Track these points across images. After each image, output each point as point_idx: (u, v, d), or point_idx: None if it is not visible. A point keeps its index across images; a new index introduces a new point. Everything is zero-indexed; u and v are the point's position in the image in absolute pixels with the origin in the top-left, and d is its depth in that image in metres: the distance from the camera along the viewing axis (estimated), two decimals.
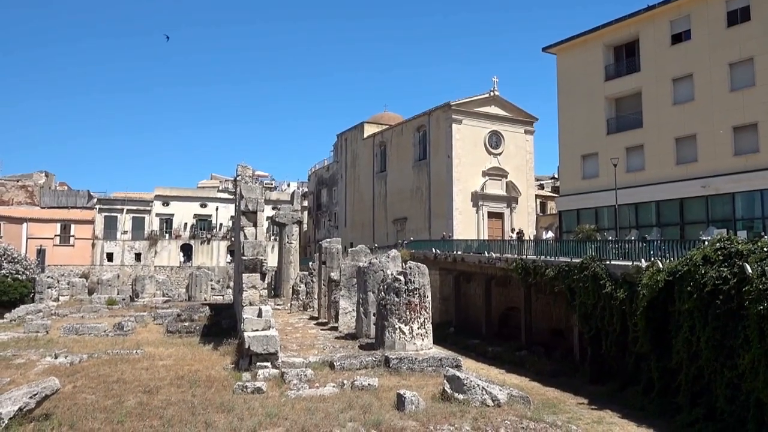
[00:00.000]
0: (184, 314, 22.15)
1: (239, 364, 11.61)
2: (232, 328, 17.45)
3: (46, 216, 59.85)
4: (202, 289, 35.48)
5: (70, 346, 15.58)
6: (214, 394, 9.34)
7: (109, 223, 61.55)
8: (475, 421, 7.62)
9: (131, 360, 13.11)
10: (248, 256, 15.51)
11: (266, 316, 12.50)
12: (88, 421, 7.79)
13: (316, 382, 10.17)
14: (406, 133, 55.19)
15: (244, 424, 7.55)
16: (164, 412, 8.24)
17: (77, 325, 19.45)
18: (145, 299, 33.46)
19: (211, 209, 66.13)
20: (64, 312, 26.41)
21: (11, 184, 65.09)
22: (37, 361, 13.38)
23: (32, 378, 10.89)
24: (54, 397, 8.44)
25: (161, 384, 10.25)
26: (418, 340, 11.85)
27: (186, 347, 15.05)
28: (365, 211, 60.56)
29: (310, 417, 7.81)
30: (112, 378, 10.90)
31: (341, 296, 16.51)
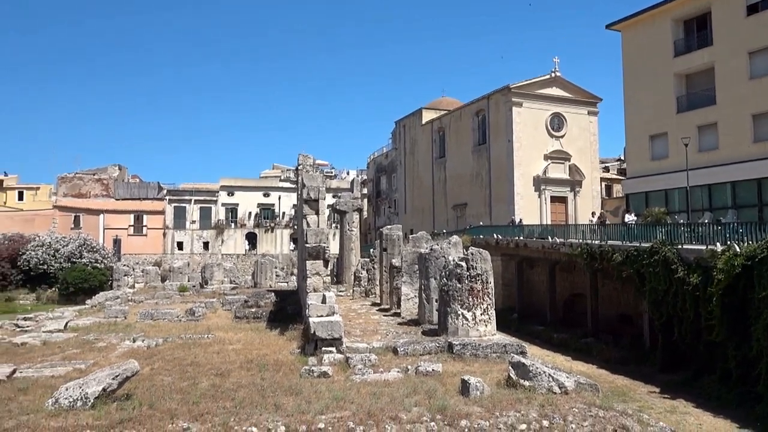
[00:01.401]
0: (251, 300, 22.81)
1: (305, 348, 11.88)
2: (297, 314, 17.85)
3: (121, 207, 62.87)
4: (267, 276, 36.39)
5: (146, 331, 16.35)
6: (282, 378, 9.60)
7: (178, 213, 64.03)
8: (542, 408, 7.52)
9: (203, 344, 13.63)
10: (311, 244, 15.77)
11: (330, 302, 12.73)
12: (165, 401, 8.16)
13: (380, 367, 10.28)
14: (464, 117, 54.55)
15: (312, 406, 7.74)
16: (236, 394, 8.54)
17: (152, 311, 20.36)
18: (213, 286, 34.63)
19: (274, 198, 67.61)
20: (139, 298, 27.70)
21: (88, 178, 68.60)
22: (117, 344, 14.12)
23: (113, 360, 11.52)
24: (134, 378, 8.90)
25: (232, 367, 10.62)
26: (481, 326, 11.77)
27: (254, 332, 15.51)
28: (425, 198, 60.41)
29: (375, 401, 7.92)
30: (186, 361, 11.38)
31: (403, 282, 16.59)
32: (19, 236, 45.33)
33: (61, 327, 17.68)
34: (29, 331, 17.42)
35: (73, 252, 41.60)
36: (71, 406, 7.90)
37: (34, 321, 20.04)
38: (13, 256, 40.85)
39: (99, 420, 7.35)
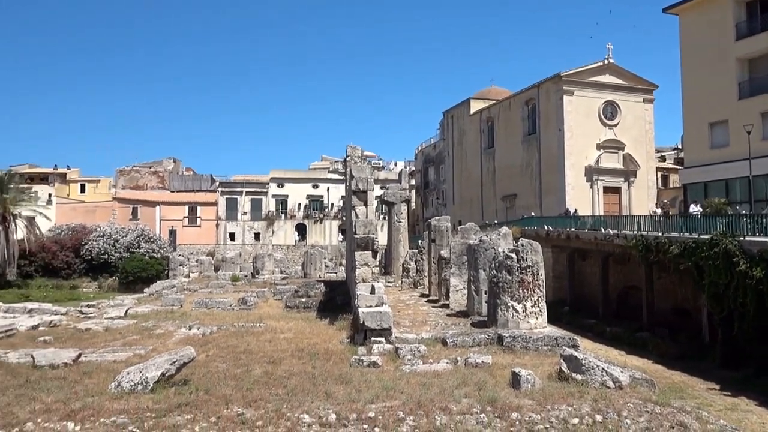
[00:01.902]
0: (301, 290, 23.19)
1: (354, 338, 12.00)
2: (346, 304, 18.04)
3: (176, 199, 64.81)
4: (317, 267, 36.91)
5: (201, 319, 16.85)
6: (332, 367, 9.73)
7: (230, 204, 65.52)
8: (595, 403, 7.38)
9: (255, 332, 13.96)
10: (360, 235, 15.89)
11: (379, 292, 12.81)
12: (220, 387, 8.41)
13: (430, 357, 10.29)
14: (514, 107, 53.66)
15: (362, 395, 7.82)
16: (288, 381, 8.72)
17: (206, 300, 20.97)
18: (264, 276, 35.36)
19: (323, 190, 68.31)
20: (194, 287, 28.55)
21: (145, 171, 70.94)
22: (173, 331, 14.62)
23: (171, 347, 11.93)
24: (190, 364, 9.21)
25: (283, 355, 10.83)
26: (532, 319, 11.61)
27: (304, 322, 15.77)
28: (473, 189, 59.87)
29: (425, 392, 7.93)
30: (239, 349, 11.68)
31: (452, 274, 16.52)
32: (82, 227, 47.34)
33: (121, 314, 18.43)
34: (92, 318, 18.24)
35: (131, 242, 43.17)
36: (132, 389, 8.23)
37: (97, 308, 20.94)
38: (77, 246, 42.71)
39: (158, 403, 7.63)
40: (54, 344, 12.91)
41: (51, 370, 10.04)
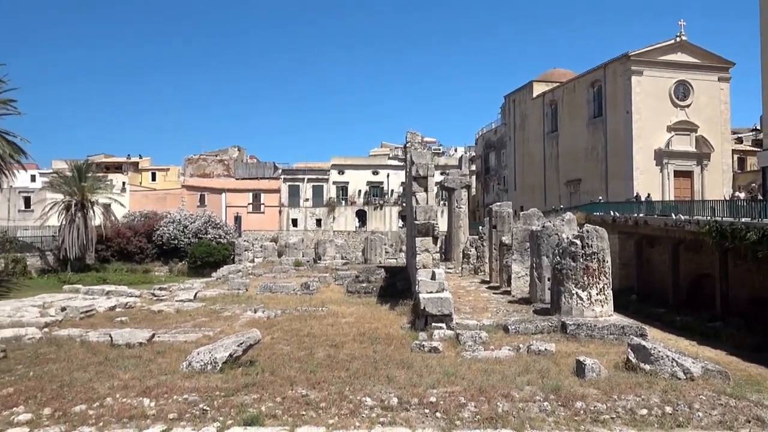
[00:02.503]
0: (362, 276, 23.43)
1: (415, 324, 12.04)
2: (406, 290, 18.10)
3: (240, 186, 66.62)
4: (377, 253, 37.18)
5: (265, 303, 17.31)
6: (393, 351, 9.81)
7: (292, 191, 66.80)
8: (665, 394, 7.13)
9: (318, 317, 14.22)
10: (420, 221, 15.87)
11: (439, 278, 12.78)
12: (285, 369, 8.63)
13: (491, 344, 10.22)
14: (578, 89, 52.00)
15: (423, 380, 7.85)
16: (350, 365, 8.86)
17: (270, 284, 21.52)
18: (326, 261, 35.93)
19: (383, 176, 68.54)
20: (258, 272, 29.35)
21: (211, 159, 73.15)
22: (240, 314, 15.09)
23: (237, 329, 12.33)
24: (256, 346, 9.49)
25: (345, 339, 11.00)
26: (597, 307, 11.32)
27: (365, 306, 15.93)
28: (535, 174, 58.62)
29: (486, 378, 7.89)
30: (302, 332, 11.94)
31: (513, 260, 16.30)
32: (153, 213, 49.40)
33: (191, 297, 19.17)
34: (164, 300, 19.06)
35: (199, 228, 44.69)
36: (202, 369, 8.58)
37: (168, 291, 21.86)
38: (149, 232, 44.60)
39: (227, 383, 7.93)
40: (129, 324, 13.58)
41: (127, 348, 10.59)
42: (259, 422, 6.59)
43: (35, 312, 15.27)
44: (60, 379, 8.43)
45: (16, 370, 9.15)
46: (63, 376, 8.56)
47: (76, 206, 39.59)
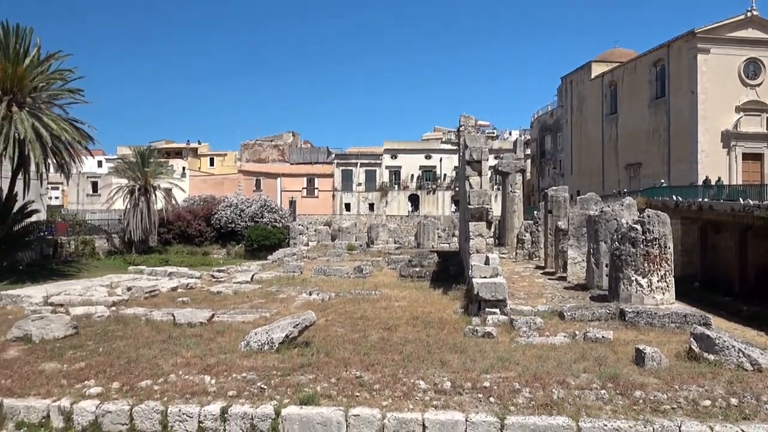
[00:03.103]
0: (415, 260, 23.44)
1: (468, 309, 11.99)
2: (459, 275, 18.02)
3: (295, 171, 67.63)
4: (429, 237, 37.08)
5: (320, 285, 17.58)
6: (446, 336, 9.81)
7: (345, 176, 67.30)
8: (730, 385, 6.87)
9: (371, 300, 14.35)
10: (474, 205, 15.71)
11: (493, 263, 12.66)
12: (339, 350, 8.78)
13: (546, 330, 10.08)
14: (640, 69, 50.01)
15: (477, 365, 7.83)
16: (403, 348, 8.91)
17: (324, 267, 21.83)
18: (378, 245, 36.12)
19: (435, 160, 68.14)
20: (313, 255, 29.80)
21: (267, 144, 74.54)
22: (295, 296, 15.39)
23: (293, 311, 12.59)
24: (311, 328, 9.68)
25: (398, 323, 11.07)
26: (658, 294, 10.97)
27: (418, 291, 15.96)
28: (593, 158, 56.97)
29: (541, 364, 7.80)
30: (356, 315, 12.07)
31: (569, 246, 15.96)
32: (212, 198, 50.83)
33: (248, 279, 19.68)
34: (222, 282, 19.64)
35: (255, 212, 45.70)
36: (260, 348, 8.83)
37: (226, 273, 22.50)
38: (208, 216, 45.94)
39: (283, 363, 8.13)
40: (191, 305, 14.07)
41: (189, 328, 10.99)
42: (314, 402, 6.74)
43: (103, 291, 16.03)
44: (127, 355, 8.85)
45: (87, 345, 9.66)
46: (130, 353, 8.98)
47: (139, 191, 41.17)
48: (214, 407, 6.75)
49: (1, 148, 25.50)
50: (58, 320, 10.71)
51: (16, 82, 27.12)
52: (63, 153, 28.95)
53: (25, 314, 12.50)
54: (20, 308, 13.94)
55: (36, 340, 10.01)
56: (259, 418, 6.58)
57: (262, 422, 6.56)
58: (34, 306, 14.06)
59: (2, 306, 14.46)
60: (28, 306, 14.10)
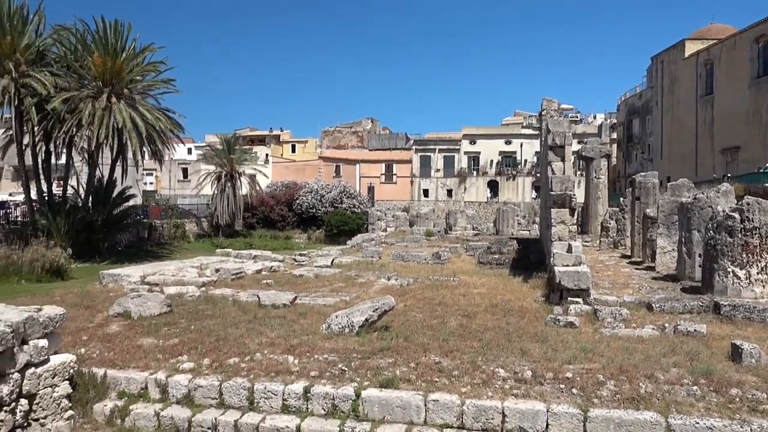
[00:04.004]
0: (494, 247, 23.14)
1: (549, 297, 11.73)
2: (540, 262, 17.63)
3: (373, 157, 68.24)
4: (509, 224, 36.46)
5: (398, 271, 17.71)
6: (527, 324, 9.65)
7: (424, 162, 67.22)
8: None
9: (449, 286, 14.31)
10: (556, 191, 15.30)
11: (576, 251, 12.30)
12: (418, 336, 8.83)
13: (633, 322, 9.70)
14: (740, 46, 46.62)
15: (559, 355, 7.66)
16: (482, 335, 8.85)
17: (402, 253, 21.96)
18: (457, 232, 35.89)
19: (516, 146, 66.75)
20: (391, 241, 30.04)
21: (346, 131, 75.56)
22: (374, 281, 15.59)
23: (372, 295, 12.77)
24: (390, 312, 9.78)
25: (477, 310, 10.98)
26: (757, 287, 10.29)
27: (497, 278, 15.76)
28: (685, 142, 53.85)
29: (627, 357, 7.52)
30: (434, 301, 12.09)
31: (659, 234, 15.23)
32: (293, 184, 52.23)
33: (328, 263, 20.14)
34: (304, 265, 20.19)
35: (335, 198, 46.55)
36: (340, 331, 9.03)
37: (308, 257, 23.11)
38: (289, 201, 47.26)
39: (363, 346, 8.28)
40: (274, 287, 14.57)
41: (273, 309, 11.39)
42: (393, 385, 6.83)
43: (194, 272, 16.89)
44: (216, 333, 9.30)
45: (180, 323, 10.23)
46: (219, 331, 9.43)
47: (225, 176, 42.91)
48: (297, 386, 6.99)
49: (102, 136, 27.27)
50: (154, 298, 11.40)
51: (114, 75, 28.86)
52: (157, 141, 30.62)
53: (124, 292, 13.41)
54: (120, 286, 14.95)
55: (134, 317, 10.71)
56: (340, 399, 6.75)
57: (343, 403, 6.73)
58: (132, 285, 15.04)
59: (105, 284, 15.56)
60: (126, 284, 15.10)
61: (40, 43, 28.98)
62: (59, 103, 26.88)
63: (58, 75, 28.33)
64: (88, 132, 28.05)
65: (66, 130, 27.98)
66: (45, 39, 29.27)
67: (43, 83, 26.65)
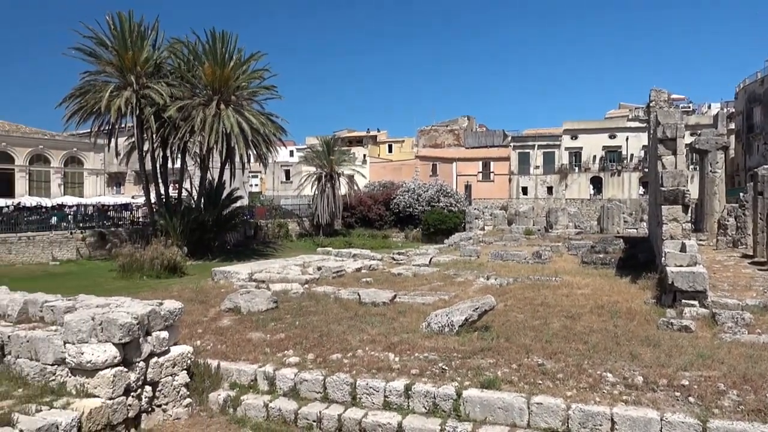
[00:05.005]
0: (598, 246, 22.19)
1: (661, 299, 11.08)
2: (649, 262, 16.68)
3: (470, 155, 67.51)
4: (614, 222, 34.81)
5: (497, 270, 17.41)
6: (636, 327, 9.18)
7: (522, 159, 65.61)
8: None
9: (551, 286, 13.88)
10: (667, 187, 14.42)
11: (691, 251, 11.54)
12: (520, 336, 8.64)
13: (757, 327, 8.96)
14: None
15: (673, 361, 7.22)
16: (588, 338, 8.51)
17: (501, 252, 21.56)
18: (558, 230, 34.77)
19: (621, 140, 63.52)
20: (488, 240, 29.60)
21: (442, 129, 75.29)
22: (472, 281, 15.43)
23: (471, 294, 12.65)
24: (490, 312, 9.65)
25: (582, 311, 10.58)
26: None
27: (602, 278, 15.10)
28: None
29: (752, 365, 6.95)
30: (536, 301, 11.77)
31: None
32: (390, 183, 52.83)
33: (426, 262, 20.17)
34: (402, 264, 20.36)
35: (432, 197, 46.57)
36: (440, 330, 9.03)
37: (405, 256, 23.26)
38: (387, 200, 47.87)
39: (463, 345, 8.23)
40: (373, 285, 14.80)
41: (373, 306, 11.59)
42: (495, 386, 6.74)
43: (297, 270, 17.52)
44: (319, 329, 9.60)
45: (286, 319, 10.66)
46: (322, 327, 9.73)
47: (325, 177, 44.18)
48: (398, 383, 7.07)
49: (212, 141, 28.97)
50: (261, 295, 11.95)
51: (223, 83, 30.55)
52: (261, 144, 32.11)
53: (234, 288, 14.16)
54: (230, 283, 15.81)
55: (244, 312, 11.28)
56: (441, 398, 6.75)
57: (443, 402, 6.72)
58: (240, 281, 15.86)
59: (216, 280, 16.51)
60: (236, 281, 15.94)
61: (157, 56, 31.26)
62: (174, 112, 28.87)
63: (173, 85, 30.44)
64: (199, 137, 29.95)
65: (180, 136, 30.01)
66: (161, 52, 31.55)
67: (161, 93, 28.75)
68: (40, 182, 46.87)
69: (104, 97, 28.29)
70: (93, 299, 8.21)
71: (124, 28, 29.88)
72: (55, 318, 7.81)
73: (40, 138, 47.39)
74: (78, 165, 49.65)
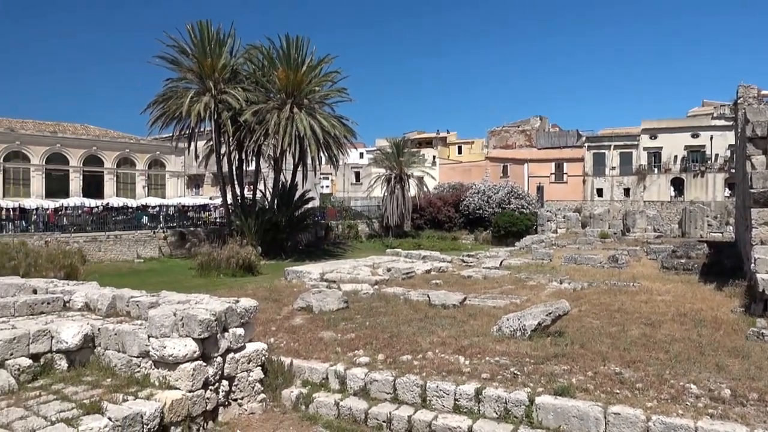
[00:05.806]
0: (680, 251, 21.17)
1: (750, 308, 10.43)
2: (736, 268, 15.75)
3: (542, 156, 65.97)
4: (697, 225, 33.14)
5: (571, 274, 16.92)
6: (722, 337, 8.68)
7: (597, 159, 63.46)
8: None
9: (629, 292, 13.36)
10: (758, 189, 13.55)
11: None
12: (596, 343, 8.35)
13: None
14: None
15: (764, 374, 6.78)
16: (669, 347, 8.13)
17: (575, 255, 20.95)
18: (635, 234, 33.43)
19: (704, 139, 60.25)
20: (562, 243, 28.83)
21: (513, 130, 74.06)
22: (545, 284, 15.07)
23: (543, 299, 12.36)
24: (564, 317, 9.39)
25: (662, 319, 10.12)
26: None
27: (684, 285, 14.40)
28: None
29: None
30: (612, 307, 11.35)
31: None
32: (460, 185, 52.40)
33: (496, 265, 19.88)
34: (472, 267, 20.14)
35: (502, 198, 45.85)
36: (512, 334, 8.87)
37: (475, 258, 23.02)
38: (456, 202, 47.52)
39: (536, 351, 8.05)
40: (443, 287, 14.73)
41: (443, 309, 11.53)
42: (569, 394, 6.55)
43: (367, 271, 17.69)
44: (389, 330, 9.64)
45: (356, 319, 10.77)
46: (392, 328, 9.77)
47: (395, 179, 44.36)
48: (468, 387, 6.99)
49: (285, 144, 29.73)
50: (333, 294, 12.14)
51: (295, 87, 31.29)
52: (332, 146, 32.66)
53: (306, 288, 14.46)
54: (302, 282, 16.15)
55: (316, 311, 11.50)
56: (512, 403, 6.63)
57: (515, 407, 6.59)
58: (312, 281, 16.17)
59: (289, 280, 16.92)
60: (308, 281, 16.27)
61: (234, 62, 32.41)
62: (250, 116, 29.83)
63: (248, 90, 31.47)
64: (273, 140, 30.80)
65: (255, 139, 30.99)
66: (238, 58, 32.70)
67: (237, 98, 29.77)
68: (126, 184, 49.59)
69: (185, 102, 29.59)
70: (174, 296, 8.60)
71: (204, 36, 31.17)
72: (140, 312, 8.23)
73: (127, 142, 50.15)
74: (160, 167, 52.19)
